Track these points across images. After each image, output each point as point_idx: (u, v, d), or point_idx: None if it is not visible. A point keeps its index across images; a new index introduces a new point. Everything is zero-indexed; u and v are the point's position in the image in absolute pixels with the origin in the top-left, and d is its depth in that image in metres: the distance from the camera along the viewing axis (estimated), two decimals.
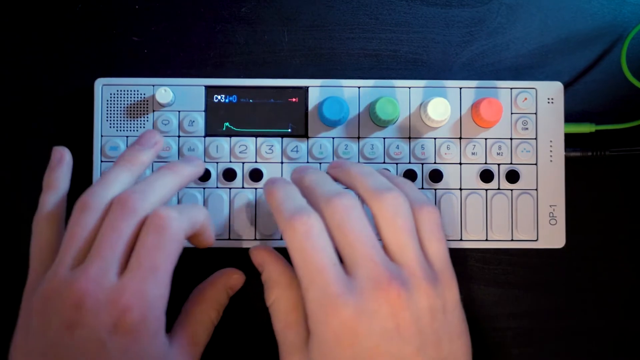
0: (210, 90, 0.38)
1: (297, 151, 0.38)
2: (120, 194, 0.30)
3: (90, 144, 0.38)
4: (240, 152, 0.38)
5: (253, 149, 0.38)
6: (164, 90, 0.37)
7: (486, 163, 0.38)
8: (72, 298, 0.27)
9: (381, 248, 0.30)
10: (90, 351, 0.27)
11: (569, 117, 0.39)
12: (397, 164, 0.38)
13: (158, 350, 0.29)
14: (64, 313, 0.27)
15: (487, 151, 0.38)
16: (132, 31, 0.40)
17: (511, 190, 0.38)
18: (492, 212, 0.38)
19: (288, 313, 0.31)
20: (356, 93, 0.38)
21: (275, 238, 0.38)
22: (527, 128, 0.38)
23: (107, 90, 0.38)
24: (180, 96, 0.38)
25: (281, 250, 0.34)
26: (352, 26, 0.40)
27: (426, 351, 0.28)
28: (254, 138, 0.38)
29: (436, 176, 0.38)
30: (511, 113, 0.39)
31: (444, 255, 0.31)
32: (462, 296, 0.39)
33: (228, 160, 0.38)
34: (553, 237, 0.38)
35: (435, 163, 0.38)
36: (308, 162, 0.38)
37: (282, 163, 0.38)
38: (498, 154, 0.38)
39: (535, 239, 0.38)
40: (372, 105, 0.37)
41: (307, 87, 0.38)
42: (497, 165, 0.38)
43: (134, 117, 0.38)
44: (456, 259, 0.39)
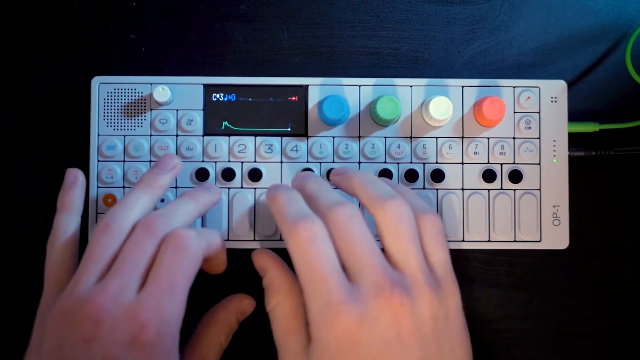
0: (208, 88, 0.38)
1: (297, 151, 0.38)
2: (145, 217, 0.31)
3: (86, 144, 0.38)
4: (239, 152, 0.38)
5: (252, 149, 0.38)
6: (162, 88, 0.37)
7: (488, 163, 0.38)
8: (91, 313, 0.28)
9: (383, 256, 0.30)
10: None
11: (573, 116, 0.39)
12: (398, 164, 0.38)
13: None
14: (82, 328, 0.28)
15: (490, 151, 0.38)
16: (130, 29, 0.40)
17: (514, 190, 0.38)
18: (495, 213, 0.38)
19: (289, 319, 0.31)
20: (357, 92, 0.38)
21: (274, 239, 0.38)
22: (530, 127, 0.38)
23: (104, 88, 0.38)
24: (178, 95, 0.38)
25: (281, 251, 0.34)
26: (353, 24, 0.40)
27: (427, 358, 0.28)
28: (253, 137, 0.38)
29: (438, 176, 0.38)
30: (514, 112, 0.38)
31: (447, 262, 0.31)
32: (464, 298, 0.39)
33: (227, 159, 0.38)
34: (556, 238, 0.38)
35: (437, 163, 0.38)
36: (308, 162, 0.38)
37: (282, 163, 0.38)
38: (501, 154, 0.38)
39: (538, 240, 0.38)
40: (373, 104, 0.37)
41: (307, 86, 0.38)
42: (500, 165, 0.38)
43: (132, 116, 0.38)
44: (458, 260, 0.39)
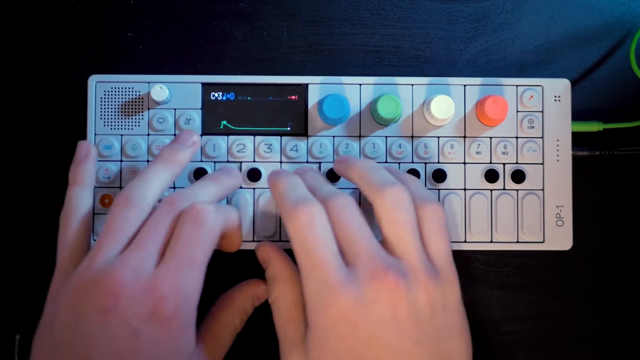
0: (207, 87, 0.38)
1: (297, 150, 0.37)
2: (170, 195, 0.31)
3: None
4: (238, 152, 0.38)
5: (251, 148, 0.38)
6: (160, 87, 0.36)
7: (491, 162, 0.38)
8: (110, 286, 0.28)
9: (379, 243, 0.30)
10: (122, 338, 0.28)
11: (576, 116, 0.39)
12: (400, 164, 0.38)
13: (187, 344, 0.30)
14: (101, 300, 0.28)
15: (492, 150, 0.38)
16: (127, 27, 0.40)
17: (517, 190, 0.38)
18: (497, 213, 0.38)
19: (290, 309, 0.32)
20: (357, 90, 0.38)
21: (274, 239, 0.38)
22: (533, 127, 0.38)
23: (101, 87, 0.38)
24: (176, 94, 0.38)
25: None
26: (353, 22, 0.40)
27: (425, 345, 0.29)
28: (252, 137, 0.38)
29: (439, 176, 0.38)
30: (517, 111, 0.38)
31: (446, 253, 0.31)
32: (466, 299, 0.39)
33: (225, 159, 0.38)
34: (560, 239, 0.38)
35: (438, 162, 0.38)
36: (308, 162, 0.38)
37: (281, 162, 0.38)
38: (503, 153, 0.38)
39: (541, 241, 0.38)
40: (374, 103, 0.37)
41: (307, 85, 0.38)
42: (502, 164, 0.38)
43: (129, 115, 0.38)
44: (460, 261, 0.39)
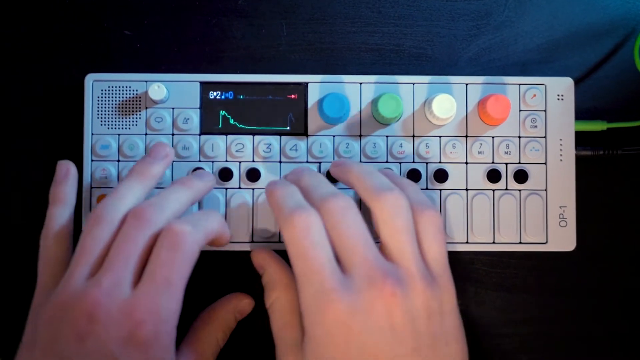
0: (205, 86, 0.38)
1: (296, 150, 0.37)
2: (135, 207, 0.31)
3: (80, 143, 0.37)
4: (236, 151, 0.37)
5: (250, 148, 0.37)
6: (157, 86, 0.36)
7: (493, 162, 0.38)
8: (85, 309, 0.28)
9: (377, 249, 0.30)
10: None
11: (580, 115, 0.39)
12: (401, 163, 0.37)
13: None
14: (76, 324, 0.28)
15: (495, 150, 0.38)
16: (124, 25, 0.39)
17: (519, 190, 0.38)
18: (500, 214, 0.37)
19: (286, 314, 0.32)
20: (358, 89, 0.38)
21: (273, 240, 0.37)
22: (536, 126, 0.38)
23: (98, 86, 0.37)
24: (174, 93, 0.37)
25: (280, 253, 0.35)
26: (354, 19, 0.40)
27: (421, 352, 0.28)
28: (251, 136, 0.38)
29: (441, 176, 0.37)
30: (519, 110, 0.38)
31: (443, 259, 0.31)
32: (468, 301, 0.39)
33: (224, 159, 0.37)
34: (563, 240, 0.38)
35: (440, 162, 0.38)
36: (307, 162, 0.38)
37: (281, 162, 0.38)
38: (506, 153, 0.38)
39: (544, 242, 0.38)
40: (375, 102, 0.37)
41: (307, 83, 0.38)
42: (505, 164, 0.38)
43: (126, 115, 0.37)
44: (462, 262, 0.39)
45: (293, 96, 0.38)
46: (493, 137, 0.38)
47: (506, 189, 0.38)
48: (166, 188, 0.33)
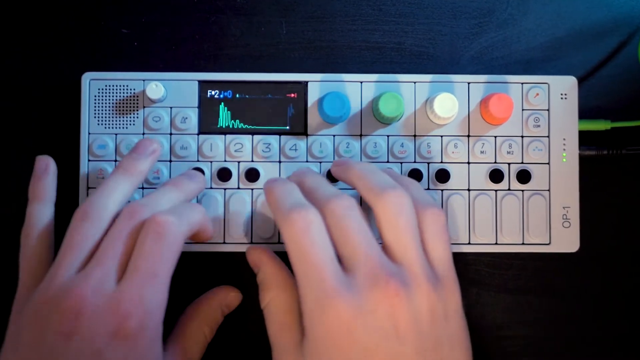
0: (204, 85, 0.37)
1: (296, 150, 0.37)
2: (129, 206, 0.31)
3: (77, 142, 0.37)
4: (235, 151, 0.37)
5: (249, 148, 0.37)
6: (155, 85, 0.36)
7: (496, 162, 0.37)
8: (71, 305, 0.28)
9: (380, 249, 0.30)
10: None
11: (584, 114, 0.38)
12: (402, 163, 0.37)
13: (155, 358, 0.29)
14: (62, 321, 0.27)
15: (497, 150, 0.37)
16: (122, 23, 0.39)
17: (522, 191, 0.37)
18: (502, 214, 0.37)
19: (283, 315, 0.31)
20: (358, 88, 0.37)
21: (272, 242, 0.37)
22: (539, 125, 0.37)
23: (95, 85, 0.37)
24: (172, 91, 0.37)
25: (280, 254, 0.34)
26: (354, 17, 0.40)
27: (425, 354, 0.28)
28: (250, 136, 0.37)
29: (443, 176, 0.37)
30: (522, 109, 0.38)
31: (448, 259, 0.31)
32: (470, 303, 0.38)
33: (223, 159, 0.37)
34: (566, 241, 0.37)
35: (441, 162, 0.37)
36: (307, 161, 0.37)
37: (280, 162, 0.37)
38: (508, 153, 0.37)
39: (547, 243, 0.37)
40: (375, 101, 0.36)
41: (307, 82, 0.37)
42: (508, 164, 0.37)
43: (124, 114, 0.37)
44: (464, 264, 0.39)
45: (293, 95, 0.37)
46: (495, 137, 0.37)
47: (509, 189, 0.37)
48: (158, 189, 0.33)
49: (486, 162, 0.37)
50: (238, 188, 0.37)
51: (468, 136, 0.37)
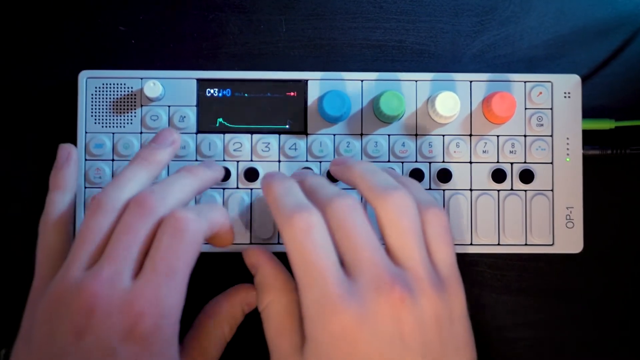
0: (202, 83, 0.37)
1: (296, 149, 0.37)
2: (137, 194, 0.29)
3: (73, 141, 0.37)
4: (234, 150, 0.37)
5: (248, 147, 0.37)
6: (153, 83, 0.36)
7: (498, 162, 0.37)
8: (83, 303, 0.27)
9: (384, 251, 0.29)
10: (98, 359, 0.27)
11: (587, 113, 0.38)
12: (403, 163, 0.37)
13: (170, 359, 0.28)
14: (74, 319, 0.27)
15: (499, 149, 0.37)
16: (119, 20, 0.39)
17: (525, 191, 0.37)
18: (505, 215, 0.37)
19: (282, 318, 0.31)
20: (359, 87, 0.37)
21: (272, 242, 0.37)
22: (542, 124, 0.37)
23: (92, 83, 0.37)
24: (170, 90, 0.37)
25: (279, 255, 0.34)
26: (355, 15, 0.39)
27: (430, 359, 0.28)
28: (250, 135, 0.37)
29: (445, 176, 0.37)
30: (525, 108, 0.37)
31: (452, 260, 0.30)
32: (472, 304, 0.38)
33: (221, 158, 0.37)
34: (570, 241, 0.37)
35: (443, 162, 0.37)
36: (307, 161, 0.37)
37: (280, 162, 0.37)
38: (511, 152, 0.37)
39: (550, 244, 0.37)
40: (376, 99, 0.36)
41: (307, 81, 0.37)
42: (510, 164, 0.37)
43: (121, 113, 0.37)
44: (466, 265, 0.39)
45: (292, 94, 0.37)
46: (498, 136, 0.37)
47: (511, 189, 0.37)
48: (171, 175, 0.32)
49: (488, 162, 0.37)
50: (237, 188, 0.37)
51: (470, 135, 0.37)
